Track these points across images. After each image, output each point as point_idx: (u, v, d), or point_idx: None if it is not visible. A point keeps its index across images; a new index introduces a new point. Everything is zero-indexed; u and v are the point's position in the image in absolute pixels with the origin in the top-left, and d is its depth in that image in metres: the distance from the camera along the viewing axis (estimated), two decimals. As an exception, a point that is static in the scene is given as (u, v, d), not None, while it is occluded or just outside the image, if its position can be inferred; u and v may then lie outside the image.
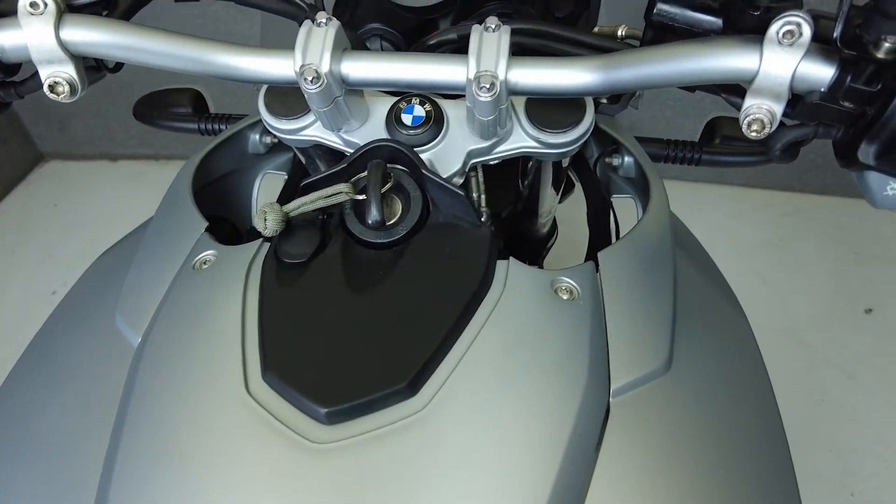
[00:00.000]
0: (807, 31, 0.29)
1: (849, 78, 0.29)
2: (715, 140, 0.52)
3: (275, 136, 0.55)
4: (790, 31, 0.29)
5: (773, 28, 0.29)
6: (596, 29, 0.42)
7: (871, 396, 1.50)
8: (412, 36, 0.54)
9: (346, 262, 0.36)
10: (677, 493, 0.30)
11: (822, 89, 0.30)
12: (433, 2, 0.50)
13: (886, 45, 0.27)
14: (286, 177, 0.61)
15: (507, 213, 0.64)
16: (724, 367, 0.37)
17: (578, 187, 0.60)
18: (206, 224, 0.41)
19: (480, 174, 0.52)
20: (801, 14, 0.29)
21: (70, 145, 2.19)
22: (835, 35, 0.28)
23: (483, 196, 0.54)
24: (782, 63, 0.29)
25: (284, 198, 0.57)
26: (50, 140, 2.20)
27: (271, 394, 0.31)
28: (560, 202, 0.65)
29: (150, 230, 0.43)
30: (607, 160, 0.51)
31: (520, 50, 0.41)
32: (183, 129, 0.58)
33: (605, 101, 0.53)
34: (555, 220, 0.66)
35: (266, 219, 0.35)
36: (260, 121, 0.51)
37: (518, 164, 0.56)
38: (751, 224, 1.93)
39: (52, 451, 0.34)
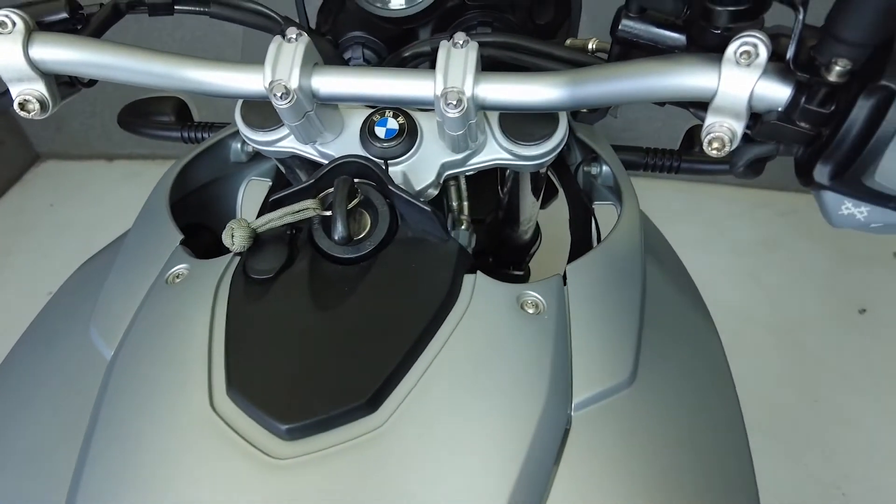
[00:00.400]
0: (763, 52, 0.29)
1: (803, 99, 0.29)
2: (695, 148, 0.52)
3: None
4: (747, 52, 0.29)
5: (731, 48, 0.29)
6: (568, 42, 0.42)
7: (864, 397, 1.49)
8: (393, 44, 0.54)
9: (312, 277, 0.36)
10: None
11: (780, 109, 0.30)
12: (413, 12, 0.50)
13: (837, 68, 0.27)
14: (271, 183, 0.61)
15: (490, 220, 0.64)
16: (690, 380, 0.38)
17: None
18: (181, 237, 0.41)
19: (463, 182, 0.53)
20: (758, 35, 0.29)
21: (66, 145, 2.20)
22: (788, 57, 0.29)
23: (465, 203, 0.54)
24: (740, 83, 0.30)
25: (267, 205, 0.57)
26: (46, 140, 2.20)
27: (235, 410, 0.31)
28: (544, 207, 0.65)
29: (126, 243, 0.43)
30: (586, 168, 0.51)
31: (492, 62, 0.41)
32: (166, 137, 0.59)
33: (584, 110, 0.53)
34: (538, 225, 0.67)
35: (233, 235, 0.35)
36: None
37: (497, 172, 0.56)
38: (747, 223, 1.94)
39: (24, 463, 0.34)
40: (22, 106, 0.36)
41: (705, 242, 1.90)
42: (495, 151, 0.42)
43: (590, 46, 0.41)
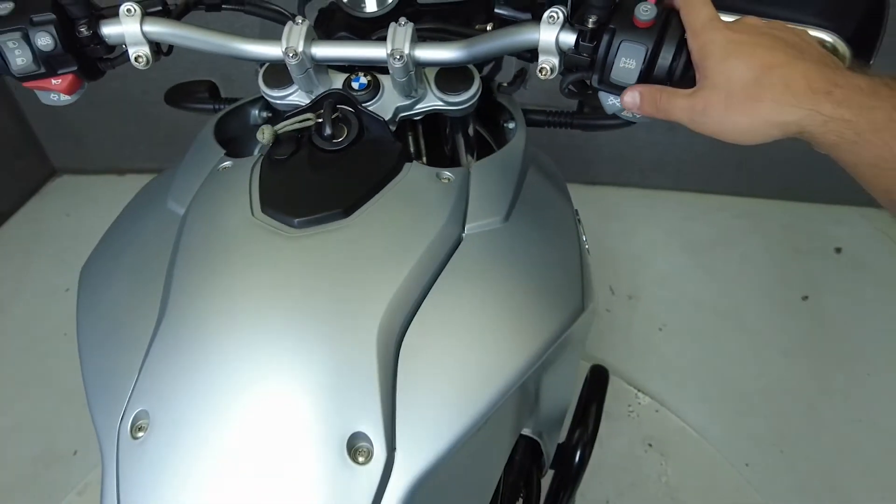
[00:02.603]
0: (560, 16, 0.51)
1: (581, 40, 0.50)
2: (584, 110, 0.73)
3: (269, 111, 0.76)
4: (552, 16, 0.51)
5: (544, 15, 0.51)
6: (477, 27, 0.64)
7: (803, 372, 1.61)
8: None
9: (310, 158, 0.57)
10: (481, 288, 0.50)
11: (572, 47, 0.51)
12: (382, 13, 0.71)
13: (591, 20, 0.49)
14: None
15: None
16: (545, 227, 0.58)
17: None
18: (224, 151, 0.62)
19: (421, 134, 0.73)
20: (559, 7, 0.50)
21: (81, 160, 2.34)
22: (566, 15, 0.51)
23: (423, 152, 0.74)
24: (549, 34, 0.51)
25: None
26: (63, 156, 2.36)
27: (266, 218, 0.51)
28: None
29: (185, 159, 0.63)
30: (505, 125, 0.73)
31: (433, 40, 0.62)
32: (202, 109, 0.80)
33: (506, 84, 0.74)
34: None
35: (264, 133, 0.55)
36: (260, 98, 0.72)
37: (442, 132, 0.76)
38: (702, 225, 2.05)
39: (130, 280, 0.54)
40: (136, 59, 0.59)
41: (663, 241, 2.01)
42: (433, 100, 0.63)
43: (488, 28, 0.63)
